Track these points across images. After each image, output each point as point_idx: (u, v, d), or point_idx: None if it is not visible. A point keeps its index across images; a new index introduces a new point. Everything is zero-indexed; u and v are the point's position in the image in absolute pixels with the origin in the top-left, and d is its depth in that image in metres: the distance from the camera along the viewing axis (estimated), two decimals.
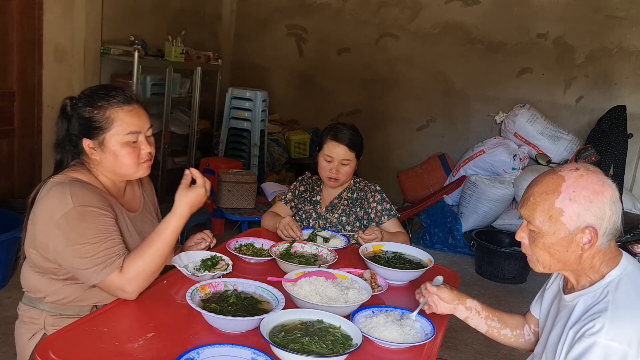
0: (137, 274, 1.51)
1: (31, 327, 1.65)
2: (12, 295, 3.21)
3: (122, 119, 1.60)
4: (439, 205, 5.03)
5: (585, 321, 1.28)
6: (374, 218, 2.39)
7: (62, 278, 1.59)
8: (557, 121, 5.10)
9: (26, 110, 4.09)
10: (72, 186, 1.54)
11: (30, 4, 3.96)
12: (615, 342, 1.21)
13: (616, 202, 1.31)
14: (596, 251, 1.34)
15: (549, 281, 1.59)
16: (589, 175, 1.31)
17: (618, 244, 1.44)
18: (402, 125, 5.81)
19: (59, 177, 1.59)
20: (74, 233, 1.49)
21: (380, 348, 1.43)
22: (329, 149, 2.35)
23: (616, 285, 1.32)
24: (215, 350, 1.26)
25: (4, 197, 3.98)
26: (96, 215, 1.52)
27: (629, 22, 4.86)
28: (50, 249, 1.52)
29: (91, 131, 1.60)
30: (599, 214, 1.29)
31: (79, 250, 1.48)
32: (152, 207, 1.89)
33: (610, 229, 1.31)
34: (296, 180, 2.60)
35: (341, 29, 5.94)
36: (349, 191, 2.45)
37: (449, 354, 3.16)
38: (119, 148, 1.60)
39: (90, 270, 1.49)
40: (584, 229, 1.30)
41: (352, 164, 2.37)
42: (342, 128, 2.37)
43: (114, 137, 1.59)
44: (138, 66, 4.34)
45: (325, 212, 2.44)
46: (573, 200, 1.30)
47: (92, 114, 1.59)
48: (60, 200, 1.51)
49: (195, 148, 5.26)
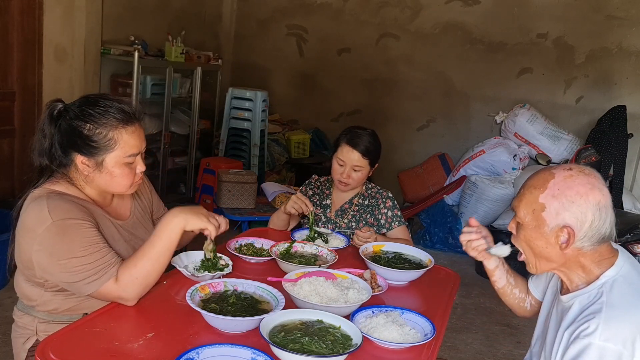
0: (132, 282, 1.47)
1: (25, 331, 1.63)
2: (12, 295, 3.21)
3: (125, 141, 1.54)
4: (439, 205, 5.03)
5: (580, 322, 1.28)
6: (384, 224, 2.37)
7: (51, 290, 1.55)
8: (557, 121, 5.10)
9: (26, 110, 4.09)
10: (49, 200, 1.47)
11: (30, 4, 3.96)
12: (609, 343, 1.21)
13: (603, 209, 1.29)
14: (581, 252, 1.34)
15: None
16: (579, 177, 1.31)
17: (618, 243, 1.43)
18: (402, 125, 5.81)
19: (38, 190, 1.53)
20: (57, 248, 1.44)
21: (380, 348, 1.43)
22: (342, 153, 2.31)
23: (611, 286, 1.32)
24: (215, 350, 1.26)
25: (4, 197, 3.98)
26: (77, 227, 1.46)
27: (629, 22, 4.86)
28: (35, 266, 1.48)
29: (89, 150, 1.52)
30: (579, 216, 1.29)
31: (66, 264, 1.44)
32: (146, 210, 1.84)
33: (592, 235, 1.30)
34: (303, 184, 2.54)
35: (341, 29, 5.95)
36: (360, 197, 2.42)
37: (449, 354, 3.16)
38: (116, 169, 1.55)
39: (81, 283, 1.45)
40: (562, 228, 1.31)
41: (365, 171, 2.33)
42: (360, 133, 2.32)
43: (113, 158, 1.54)
44: (138, 66, 4.35)
45: (335, 216, 2.41)
46: (555, 197, 1.31)
47: (92, 132, 1.51)
48: (38, 217, 1.45)
49: (196, 148, 5.26)
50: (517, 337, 3.46)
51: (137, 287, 1.49)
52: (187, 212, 1.56)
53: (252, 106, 5.08)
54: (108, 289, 1.47)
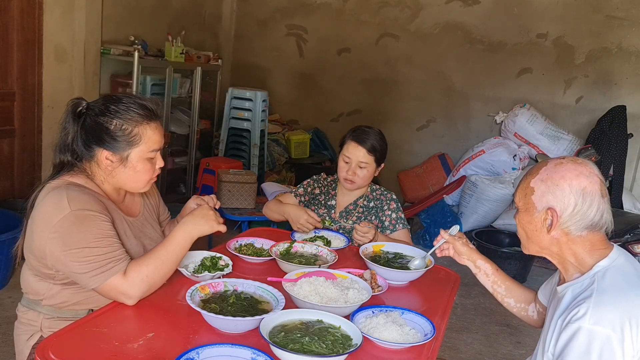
0: (140, 280, 1.50)
1: (29, 328, 1.65)
2: (12, 295, 3.21)
3: (149, 137, 1.60)
4: (439, 205, 5.03)
5: (571, 308, 1.30)
6: (388, 226, 2.37)
7: (60, 283, 1.58)
8: (557, 121, 5.10)
9: (26, 110, 4.09)
10: (68, 190, 1.51)
11: (30, 4, 3.96)
12: (598, 326, 1.23)
13: (588, 195, 1.34)
14: (570, 238, 1.38)
15: (555, 275, 1.61)
16: (568, 164, 1.38)
17: (618, 243, 1.44)
18: (402, 125, 5.81)
19: (56, 181, 1.57)
20: (71, 237, 1.47)
21: (380, 348, 1.43)
22: (347, 150, 2.33)
23: (603, 274, 1.34)
24: (215, 350, 1.26)
25: (5, 197, 3.98)
26: (94, 219, 1.50)
27: (629, 22, 4.86)
28: (48, 255, 1.50)
29: (115, 145, 1.57)
30: (563, 199, 1.35)
31: (77, 254, 1.47)
32: (153, 210, 1.88)
33: (578, 220, 1.35)
34: (311, 178, 2.53)
35: (341, 29, 5.95)
36: (365, 199, 2.42)
37: (449, 354, 3.16)
38: (139, 164, 1.61)
39: (89, 274, 1.47)
40: (547, 210, 1.37)
41: (371, 168, 2.33)
42: (365, 130, 2.34)
43: (137, 154, 1.60)
44: (138, 66, 4.35)
45: (340, 217, 2.42)
46: (543, 181, 1.39)
47: (118, 128, 1.57)
48: (56, 206, 1.48)
49: (195, 148, 5.26)
50: (517, 337, 3.47)
51: (143, 286, 1.51)
52: (198, 220, 1.64)
53: (252, 106, 5.08)
54: (114, 283, 1.48)
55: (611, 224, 1.38)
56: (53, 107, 4.20)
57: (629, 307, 1.25)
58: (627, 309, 1.25)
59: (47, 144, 4.21)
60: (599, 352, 1.22)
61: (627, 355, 1.22)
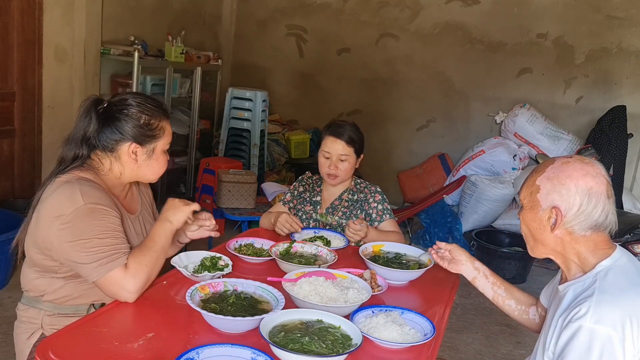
0: (141, 270, 1.53)
1: (29, 326, 1.65)
2: (12, 295, 3.21)
3: (168, 131, 1.74)
4: (439, 205, 5.03)
5: (572, 307, 1.30)
6: (375, 217, 2.39)
7: (63, 276, 1.59)
8: (557, 121, 5.10)
9: (26, 111, 4.09)
10: (81, 185, 1.55)
11: (30, 4, 3.96)
12: (599, 325, 1.23)
13: (594, 196, 1.33)
14: (574, 237, 1.37)
15: (557, 275, 1.61)
16: (575, 163, 1.37)
17: (618, 243, 1.45)
18: (402, 125, 5.81)
19: (66, 176, 1.60)
20: (82, 228, 1.50)
21: (380, 348, 1.43)
22: (326, 145, 2.37)
23: (605, 274, 1.34)
24: (215, 350, 1.26)
25: (5, 197, 3.98)
26: (105, 213, 1.55)
27: (629, 22, 4.86)
28: (55, 246, 1.52)
29: (145, 138, 1.67)
30: (568, 198, 1.34)
31: (85, 244, 1.49)
32: (149, 207, 1.92)
33: (583, 220, 1.34)
34: (296, 180, 2.59)
35: (341, 29, 5.95)
36: (349, 192, 2.44)
37: (449, 354, 3.16)
38: (161, 156, 1.74)
39: (94, 264, 1.49)
40: (552, 209, 1.37)
41: (351, 160, 2.37)
42: (341, 123, 2.39)
43: (160, 146, 1.72)
44: (138, 66, 4.35)
45: (326, 212, 2.44)
46: (549, 179, 1.38)
47: (148, 121, 1.67)
48: (69, 198, 1.51)
49: (195, 148, 5.26)
50: (517, 337, 3.47)
51: (144, 276, 1.53)
52: (169, 214, 1.68)
53: (252, 106, 5.08)
54: (116, 275, 1.50)
55: (615, 225, 1.37)
56: (53, 107, 4.20)
57: (631, 307, 1.25)
58: (629, 308, 1.25)
59: (47, 144, 4.21)
60: (599, 351, 1.21)
61: (628, 354, 1.22)
